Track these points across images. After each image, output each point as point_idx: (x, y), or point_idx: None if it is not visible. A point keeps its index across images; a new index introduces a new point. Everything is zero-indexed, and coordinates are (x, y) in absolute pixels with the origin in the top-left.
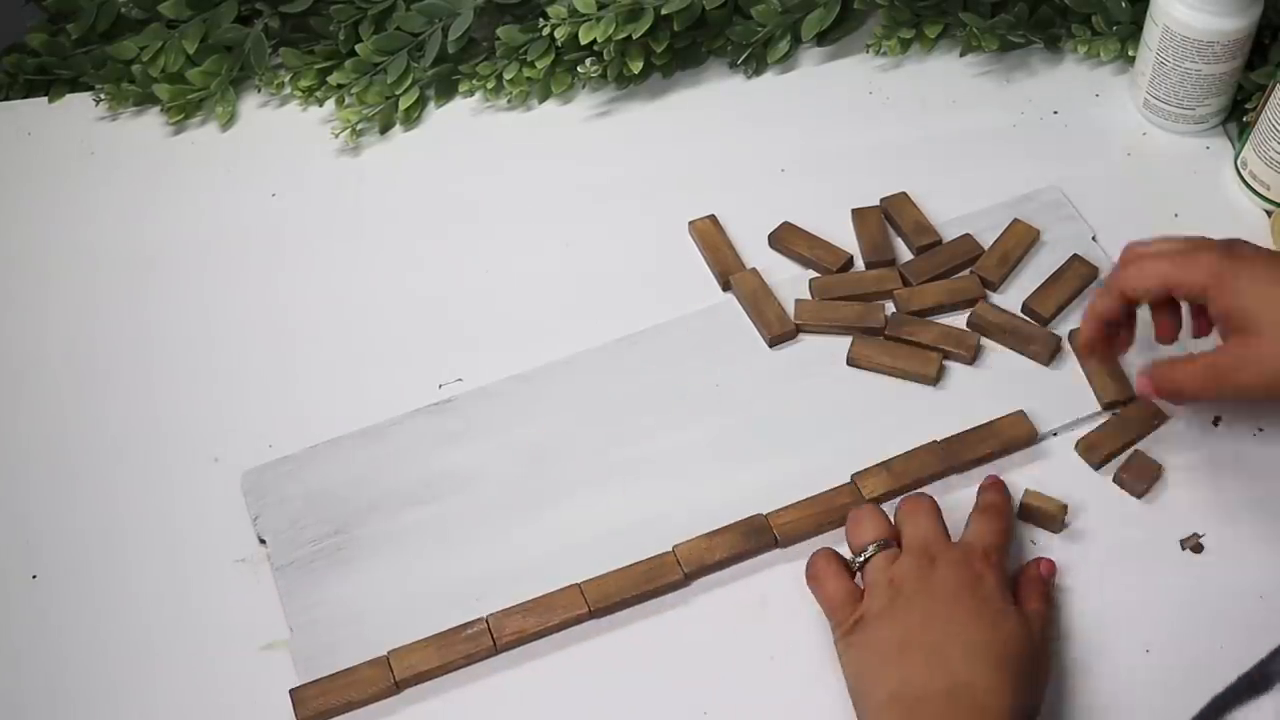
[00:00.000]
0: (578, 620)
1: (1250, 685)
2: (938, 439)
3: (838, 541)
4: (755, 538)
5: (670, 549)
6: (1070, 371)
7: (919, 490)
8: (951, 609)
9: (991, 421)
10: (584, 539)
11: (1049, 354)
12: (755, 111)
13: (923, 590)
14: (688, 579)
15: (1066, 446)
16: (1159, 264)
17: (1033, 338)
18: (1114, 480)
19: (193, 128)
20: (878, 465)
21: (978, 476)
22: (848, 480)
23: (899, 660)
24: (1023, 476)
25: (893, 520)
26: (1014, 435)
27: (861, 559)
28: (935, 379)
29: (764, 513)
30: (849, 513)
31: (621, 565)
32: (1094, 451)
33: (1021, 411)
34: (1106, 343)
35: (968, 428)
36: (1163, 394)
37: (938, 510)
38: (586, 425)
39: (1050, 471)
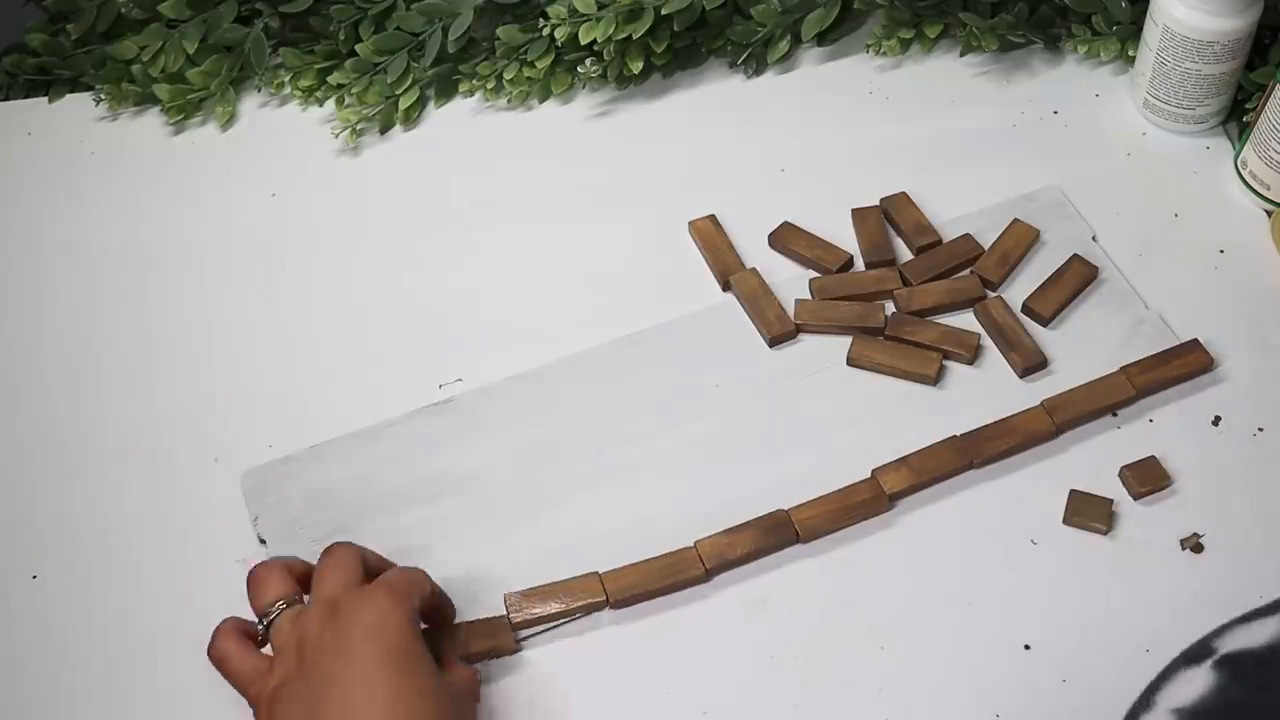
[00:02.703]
0: (596, 608)
1: (1185, 659)
2: (957, 434)
3: (859, 536)
4: (776, 533)
5: (692, 544)
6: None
7: (344, 541)
8: (368, 672)
9: (1010, 416)
10: (583, 540)
11: (1024, 368)
12: (755, 111)
13: (332, 647)
14: (709, 574)
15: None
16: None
17: (1017, 345)
18: (1117, 478)
19: (193, 128)
20: (896, 460)
21: (996, 473)
22: (868, 475)
23: None
24: (1029, 474)
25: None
26: (1033, 430)
27: (265, 622)
28: (935, 379)
29: (785, 508)
30: (250, 572)
31: (620, 566)
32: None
33: (1041, 406)
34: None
35: (971, 427)
36: None
37: (356, 558)
38: (586, 425)
39: (1053, 469)
